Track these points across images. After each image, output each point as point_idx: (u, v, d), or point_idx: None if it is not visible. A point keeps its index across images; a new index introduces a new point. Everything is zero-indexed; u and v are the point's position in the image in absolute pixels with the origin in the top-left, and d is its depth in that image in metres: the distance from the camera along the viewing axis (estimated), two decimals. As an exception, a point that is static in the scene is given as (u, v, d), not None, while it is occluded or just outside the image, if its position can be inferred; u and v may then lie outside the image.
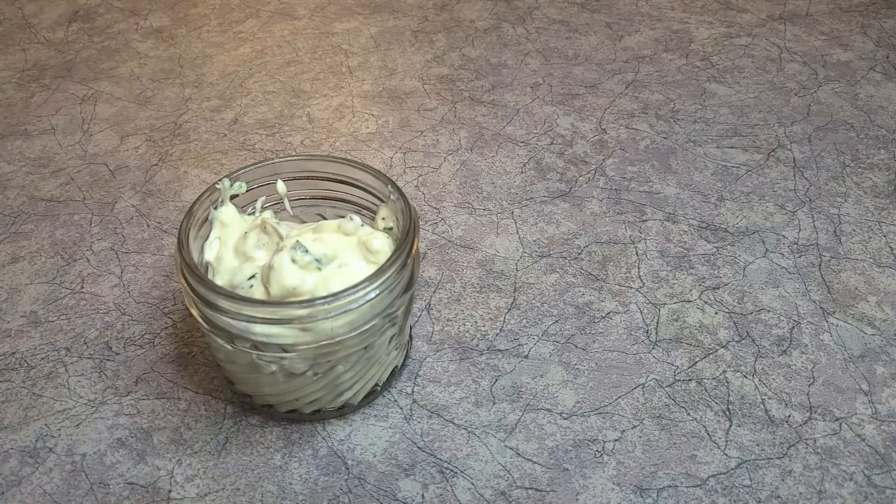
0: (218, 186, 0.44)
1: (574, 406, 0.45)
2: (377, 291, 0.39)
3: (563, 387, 0.46)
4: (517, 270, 0.54)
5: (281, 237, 0.43)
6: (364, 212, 0.47)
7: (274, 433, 0.44)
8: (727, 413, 0.45)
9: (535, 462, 0.42)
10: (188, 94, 0.72)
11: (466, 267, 0.54)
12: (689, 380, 0.47)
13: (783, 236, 0.56)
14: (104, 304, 0.52)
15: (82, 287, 0.53)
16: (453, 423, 0.44)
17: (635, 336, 0.49)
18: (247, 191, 0.46)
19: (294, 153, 0.65)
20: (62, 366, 0.48)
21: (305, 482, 0.42)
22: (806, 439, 0.43)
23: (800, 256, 0.55)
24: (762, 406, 0.45)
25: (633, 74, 0.74)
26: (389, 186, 0.44)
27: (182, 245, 0.40)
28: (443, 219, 0.58)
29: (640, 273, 0.54)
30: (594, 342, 0.49)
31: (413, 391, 0.46)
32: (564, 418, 0.44)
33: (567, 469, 0.42)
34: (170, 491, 0.41)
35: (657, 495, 0.41)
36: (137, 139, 0.67)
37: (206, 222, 0.44)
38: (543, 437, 0.44)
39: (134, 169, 0.63)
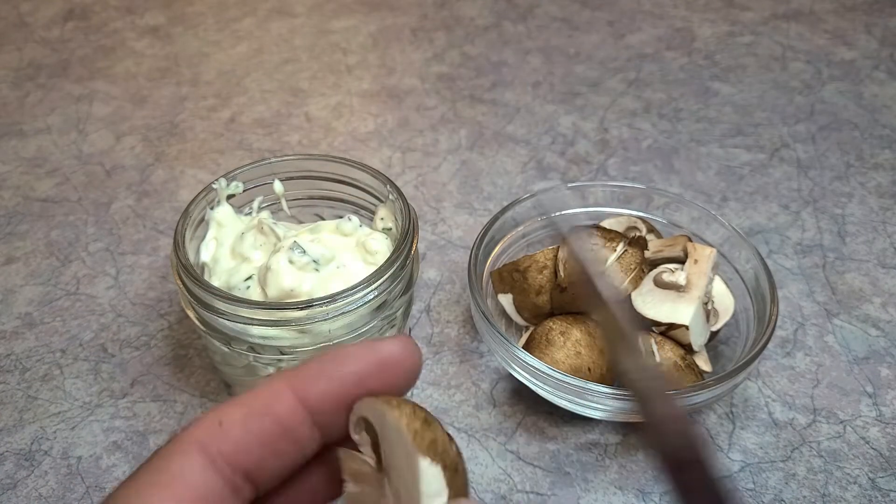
0: (214, 186, 0.44)
1: (575, 409, 0.45)
2: (376, 293, 0.38)
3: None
4: (518, 271, 0.53)
5: (278, 238, 0.42)
6: (362, 212, 0.47)
7: (271, 436, 0.44)
8: (730, 416, 0.44)
9: (536, 466, 0.42)
10: (185, 93, 0.72)
11: (466, 268, 0.54)
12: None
13: (787, 237, 0.56)
14: (99, 305, 0.51)
15: (77, 288, 0.52)
16: (453, 427, 0.44)
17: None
18: (243, 191, 0.45)
19: (291, 152, 0.64)
20: (57, 368, 0.47)
21: (303, 486, 0.41)
22: (810, 442, 0.43)
23: (804, 257, 0.54)
24: (766, 409, 0.44)
25: (636, 73, 0.74)
26: (388, 186, 0.44)
27: (178, 246, 0.40)
28: (442, 219, 0.58)
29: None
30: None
31: (412, 394, 0.45)
32: (566, 422, 0.44)
33: (569, 473, 0.42)
34: (166, 495, 0.41)
35: (660, 499, 0.40)
36: (133, 139, 0.66)
37: (203, 223, 0.43)
38: (545, 440, 0.43)
39: (130, 169, 0.63)
